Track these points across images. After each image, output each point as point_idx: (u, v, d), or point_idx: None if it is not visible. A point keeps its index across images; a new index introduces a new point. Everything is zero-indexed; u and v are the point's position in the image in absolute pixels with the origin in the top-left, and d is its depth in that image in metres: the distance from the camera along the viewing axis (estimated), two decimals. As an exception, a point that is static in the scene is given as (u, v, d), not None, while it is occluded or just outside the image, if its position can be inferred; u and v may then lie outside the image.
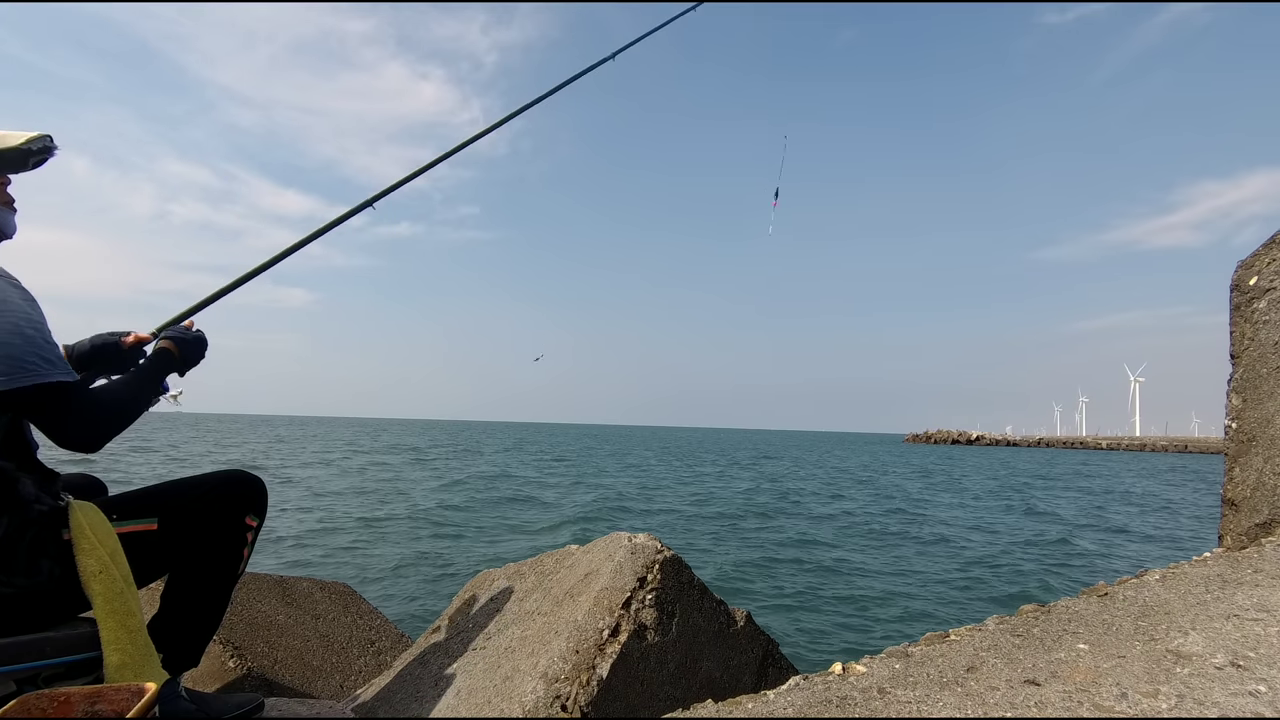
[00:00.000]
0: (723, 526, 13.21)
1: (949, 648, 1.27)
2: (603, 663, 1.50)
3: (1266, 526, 1.84)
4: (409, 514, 13.87)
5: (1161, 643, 1.20)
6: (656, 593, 1.67)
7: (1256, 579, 1.49)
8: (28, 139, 1.37)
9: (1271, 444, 1.90)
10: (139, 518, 1.44)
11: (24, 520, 1.26)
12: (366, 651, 2.83)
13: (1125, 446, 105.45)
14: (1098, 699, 1.00)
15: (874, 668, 1.20)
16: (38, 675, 1.26)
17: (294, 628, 2.74)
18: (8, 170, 1.39)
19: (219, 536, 1.53)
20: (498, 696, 1.51)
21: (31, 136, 1.37)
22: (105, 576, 1.27)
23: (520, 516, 14.09)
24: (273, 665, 2.48)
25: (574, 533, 12.06)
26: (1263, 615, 1.28)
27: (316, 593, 3.06)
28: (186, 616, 1.52)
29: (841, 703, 1.07)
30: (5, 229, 1.37)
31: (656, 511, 15.34)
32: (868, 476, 27.74)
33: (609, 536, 2.00)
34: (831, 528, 13.26)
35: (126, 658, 1.26)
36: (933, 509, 16.98)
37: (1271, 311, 2.04)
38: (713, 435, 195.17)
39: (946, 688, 1.09)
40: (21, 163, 1.39)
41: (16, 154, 1.37)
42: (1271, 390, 1.96)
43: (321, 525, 12.01)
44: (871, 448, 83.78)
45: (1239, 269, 2.20)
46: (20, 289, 1.28)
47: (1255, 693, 1.00)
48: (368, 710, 1.88)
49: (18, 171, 1.40)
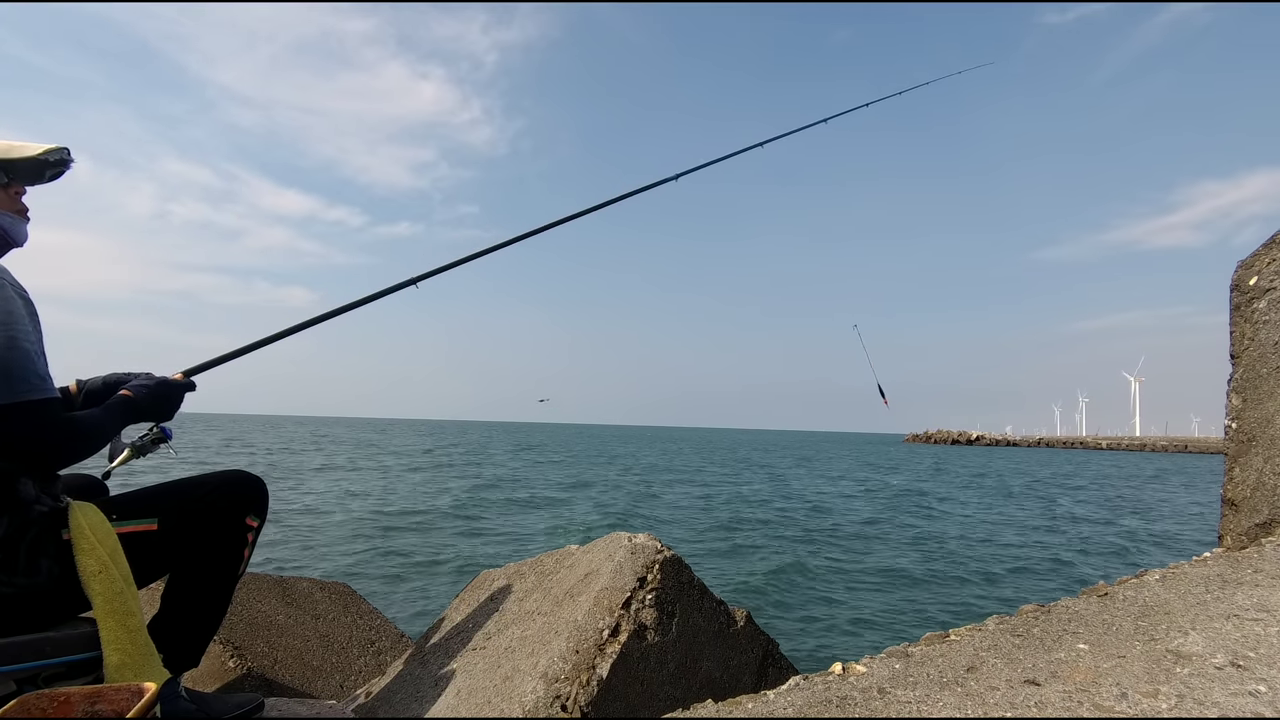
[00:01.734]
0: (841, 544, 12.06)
1: (949, 648, 1.27)
2: (603, 663, 1.50)
3: (1266, 526, 1.84)
4: (425, 511, 13.84)
5: (1161, 643, 1.20)
6: (656, 593, 1.67)
7: (1256, 579, 1.49)
8: (45, 150, 1.37)
9: (1271, 444, 1.90)
10: (139, 518, 1.44)
11: (24, 521, 1.26)
12: (366, 651, 2.83)
13: (1125, 446, 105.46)
14: (1098, 699, 1.01)
15: (874, 668, 1.20)
16: (38, 675, 1.26)
17: (294, 628, 2.74)
18: (24, 181, 1.39)
19: (219, 537, 1.53)
20: (498, 696, 1.50)
21: (49, 148, 1.38)
22: (105, 576, 1.27)
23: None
24: (273, 665, 2.48)
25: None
26: (1263, 615, 1.28)
27: (316, 593, 3.06)
28: (187, 616, 1.52)
29: (841, 703, 1.07)
30: (17, 238, 1.38)
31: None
32: (927, 488, 24.85)
33: (609, 536, 2.00)
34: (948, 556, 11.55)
35: (126, 657, 1.26)
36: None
37: (1271, 311, 2.04)
38: (716, 435, 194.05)
39: (946, 688, 1.09)
40: (38, 174, 1.40)
41: (33, 165, 1.38)
42: (1271, 390, 1.96)
43: (335, 526, 12.03)
44: (880, 448, 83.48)
45: (1239, 269, 2.20)
46: (27, 300, 1.29)
47: (1255, 693, 1.00)
48: (368, 710, 1.88)
49: (34, 183, 1.41)
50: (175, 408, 1.57)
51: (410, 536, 11.46)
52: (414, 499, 16.37)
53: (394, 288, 2.09)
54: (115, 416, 1.42)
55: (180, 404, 1.58)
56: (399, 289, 2.10)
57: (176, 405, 1.57)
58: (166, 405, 1.54)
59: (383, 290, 2.08)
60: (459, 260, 2.26)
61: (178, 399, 1.57)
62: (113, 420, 1.41)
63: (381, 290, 2.08)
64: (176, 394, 1.56)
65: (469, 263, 2.28)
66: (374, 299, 2.06)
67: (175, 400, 1.56)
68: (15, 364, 1.21)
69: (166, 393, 1.54)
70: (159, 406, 1.52)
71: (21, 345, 1.23)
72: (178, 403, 1.57)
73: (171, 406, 1.56)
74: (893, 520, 15.13)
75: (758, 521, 14.31)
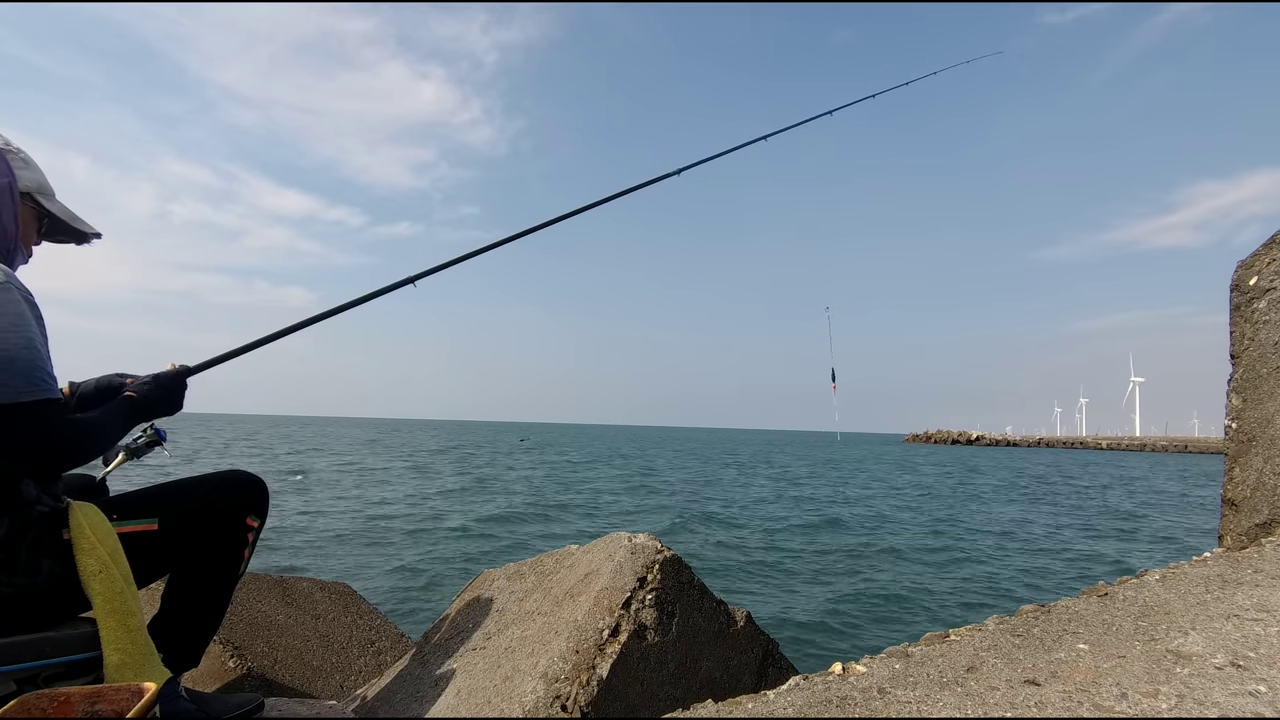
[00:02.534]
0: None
1: (949, 648, 1.27)
2: (603, 663, 1.50)
3: (1266, 526, 1.84)
4: (434, 516, 13.72)
5: (1161, 643, 1.20)
6: (656, 593, 1.67)
7: (1256, 579, 1.49)
8: (92, 233, 1.57)
9: (1271, 444, 1.90)
10: (139, 518, 1.44)
11: (26, 521, 1.27)
12: (366, 651, 2.83)
13: (1125, 446, 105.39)
14: (1098, 699, 1.00)
15: (874, 668, 1.20)
16: (38, 675, 1.26)
17: (294, 628, 2.74)
18: (58, 237, 1.54)
19: (220, 537, 1.53)
20: (498, 696, 1.51)
21: (94, 233, 1.58)
22: (105, 576, 1.27)
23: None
24: (273, 665, 2.48)
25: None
26: (1263, 615, 1.28)
27: (316, 593, 3.06)
28: (187, 616, 1.52)
29: (841, 703, 1.07)
30: (12, 264, 1.40)
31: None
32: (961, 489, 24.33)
33: (609, 536, 2.00)
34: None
35: (126, 657, 1.26)
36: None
37: (1271, 311, 2.04)
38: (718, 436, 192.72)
39: (946, 688, 1.09)
40: (70, 239, 1.57)
41: (72, 233, 1.55)
42: (1271, 390, 1.96)
43: (343, 527, 11.99)
44: (887, 449, 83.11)
45: (1239, 269, 2.20)
46: (32, 303, 1.30)
47: (1255, 693, 1.00)
48: (368, 710, 1.88)
49: (62, 241, 1.57)
50: (179, 402, 1.55)
51: (419, 538, 11.45)
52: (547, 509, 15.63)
53: (392, 286, 2.08)
54: (118, 418, 1.41)
55: (183, 398, 1.56)
56: (397, 288, 2.08)
57: (179, 400, 1.55)
58: (170, 400, 1.53)
59: (380, 289, 2.07)
60: (456, 259, 2.24)
61: (180, 393, 1.55)
62: (115, 422, 1.40)
63: (379, 289, 2.06)
64: (177, 388, 1.55)
65: (467, 261, 2.28)
66: (372, 298, 2.05)
67: (178, 395, 1.55)
68: (24, 365, 1.22)
69: (168, 387, 1.53)
70: (163, 402, 1.52)
71: (33, 346, 1.24)
72: (180, 397, 1.55)
73: (174, 401, 1.54)
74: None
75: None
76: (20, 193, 1.40)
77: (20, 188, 1.40)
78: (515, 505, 16.13)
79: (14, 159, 1.41)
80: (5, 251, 1.37)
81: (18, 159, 1.42)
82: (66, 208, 1.52)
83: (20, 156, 1.43)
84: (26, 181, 1.42)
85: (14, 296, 1.25)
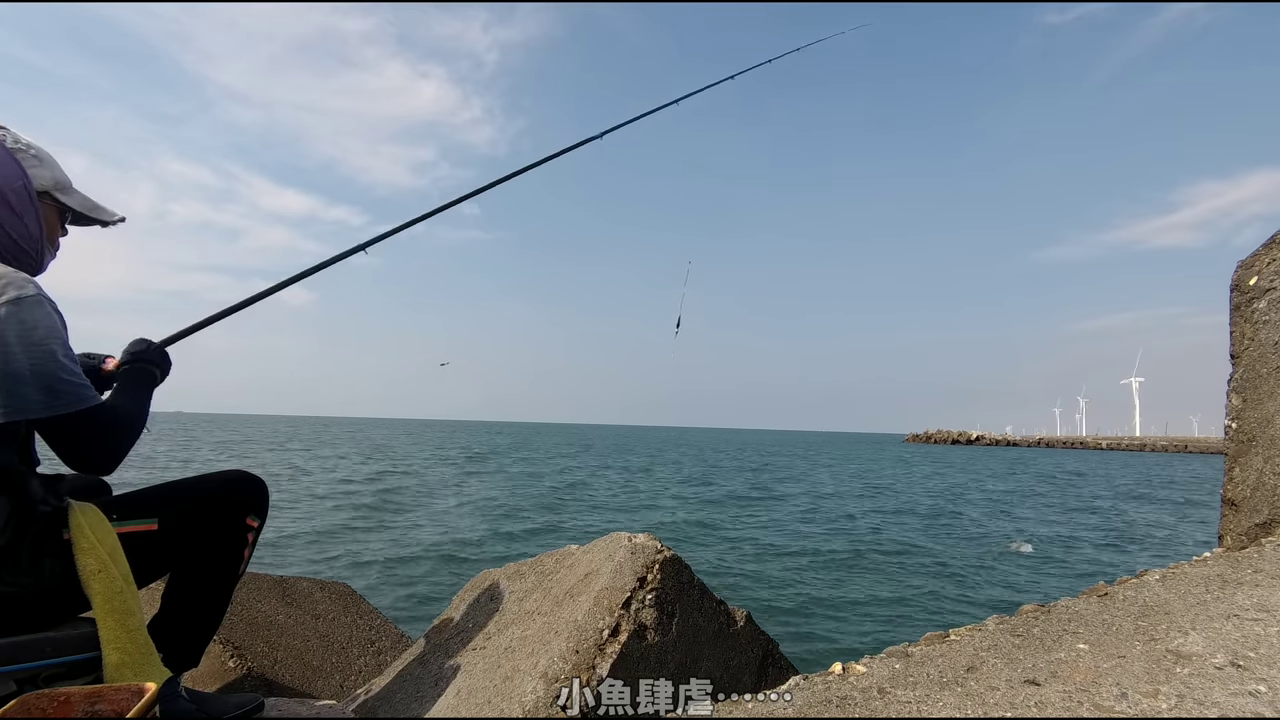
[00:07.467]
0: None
1: (949, 648, 1.27)
2: (603, 663, 1.50)
3: (1266, 526, 1.84)
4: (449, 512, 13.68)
5: (1161, 643, 1.20)
6: (656, 593, 1.67)
7: (1256, 579, 1.49)
8: (115, 219, 1.56)
9: (1271, 444, 1.90)
10: (139, 518, 1.44)
11: (28, 520, 1.27)
12: (366, 651, 2.83)
13: (1125, 446, 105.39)
14: (1098, 699, 1.01)
15: (874, 668, 1.20)
16: (38, 675, 1.26)
17: (294, 628, 2.74)
18: (81, 223, 1.51)
19: (219, 537, 1.53)
20: (498, 696, 1.51)
21: (118, 218, 1.56)
22: (104, 576, 1.27)
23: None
24: (273, 665, 2.48)
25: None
26: (1263, 615, 1.28)
27: (316, 593, 3.06)
28: (187, 616, 1.52)
29: (841, 703, 1.07)
30: (41, 267, 1.41)
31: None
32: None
33: (609, 536, 2.00)
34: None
35: (126, 657, 1.26)
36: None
37: (1271, 311, 2.04)
38: (720, 436, 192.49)
39: (946, 688, 1.09)
40: (92, 223, 1.54)
41: (95, 222, 1.52)
42: (1271, 390, 1.96)
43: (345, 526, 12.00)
44: (889, 449, 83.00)
45: (1239, 269, 2.20)
46: (58, 311, 1.29)
47: (1255, 693, 1.00)
48: (368, 710, 1.88)
49: (86, 225, 1.54)
50: (169, 361, 1.60)
51: (420, 538, 11.44)
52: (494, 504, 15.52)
53: (346, 253, 2.10)
54: (146, 394, 1.46)
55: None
56: (350, 254, 2.10)
57: (168, 359, 1.61)
58: (167, 362, 1.59)
59: (334, 256, 2.08)
60: (405, 224, 2.29)
61: (168, 355, 1.61)
62: (145, 401, 1.45)
63: (333, 257, 2.08)
64: (161, 348, 1.59)
65: (421, 223, 2.31)
66: (327, 265, 2.06)
67: (168, 357, 1.60)
68: (71, 376, 1.24)
69: (161, 351, 1.57)
70: (164, 366, 1.57)
71: (72, 358, 1.26)
72: (168, 358, 1.61)
73: (168, 362, 1.59)
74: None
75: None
76: (38, 192, 1.36)
77: (37, 187, 1.36)
78: (515, 505, 16.14)
79: (25, 157, 1.36)
80: (35, 254, 1.36)
81: (29, 157, 1.37)
82: (86, 197, 1.48)
83: (32, 153, 1.38)
84: (43, 180, 1.38)
85: (47, 310, 1.25)
